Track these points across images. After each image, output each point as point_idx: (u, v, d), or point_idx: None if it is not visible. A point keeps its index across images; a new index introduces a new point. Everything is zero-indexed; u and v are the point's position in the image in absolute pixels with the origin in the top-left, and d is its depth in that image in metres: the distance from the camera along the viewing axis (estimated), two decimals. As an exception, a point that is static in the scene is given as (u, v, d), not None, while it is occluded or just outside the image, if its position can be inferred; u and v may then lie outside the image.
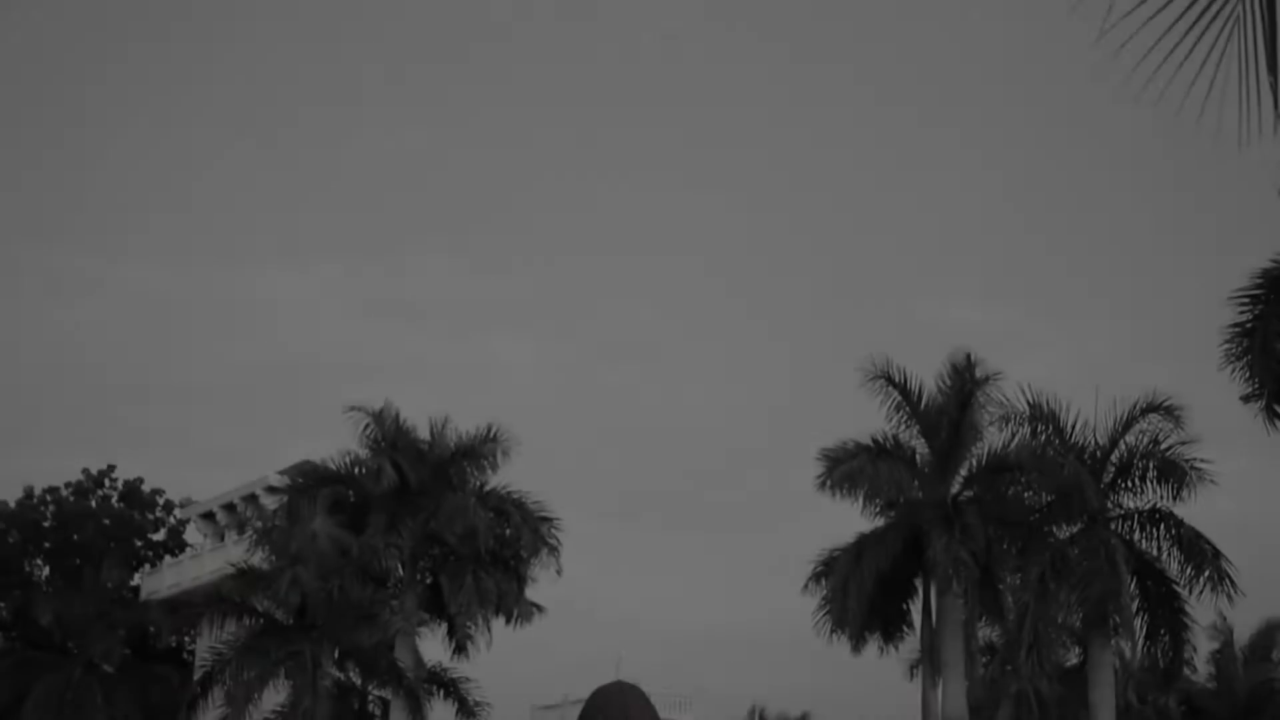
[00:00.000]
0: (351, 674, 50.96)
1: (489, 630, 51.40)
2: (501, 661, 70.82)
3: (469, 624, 50.86)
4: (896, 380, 46.08)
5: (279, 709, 48.84)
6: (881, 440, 46.12)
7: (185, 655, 72.74)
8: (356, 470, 51.60)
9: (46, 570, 76.53)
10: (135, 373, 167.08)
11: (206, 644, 54.42)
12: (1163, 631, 43.99)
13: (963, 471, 46.61)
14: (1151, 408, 43.29)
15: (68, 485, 76.47)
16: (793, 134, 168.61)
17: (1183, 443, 43.01)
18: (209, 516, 70.62)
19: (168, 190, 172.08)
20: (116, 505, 76.91)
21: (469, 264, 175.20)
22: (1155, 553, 44.02)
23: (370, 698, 54.03)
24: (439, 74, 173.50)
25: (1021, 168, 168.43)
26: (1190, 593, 43.32)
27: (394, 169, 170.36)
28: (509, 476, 52.51)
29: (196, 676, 51.62)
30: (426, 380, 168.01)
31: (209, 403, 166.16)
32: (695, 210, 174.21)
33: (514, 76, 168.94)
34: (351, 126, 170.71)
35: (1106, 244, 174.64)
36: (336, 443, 65.66)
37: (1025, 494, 45.55)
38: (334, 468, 52.15)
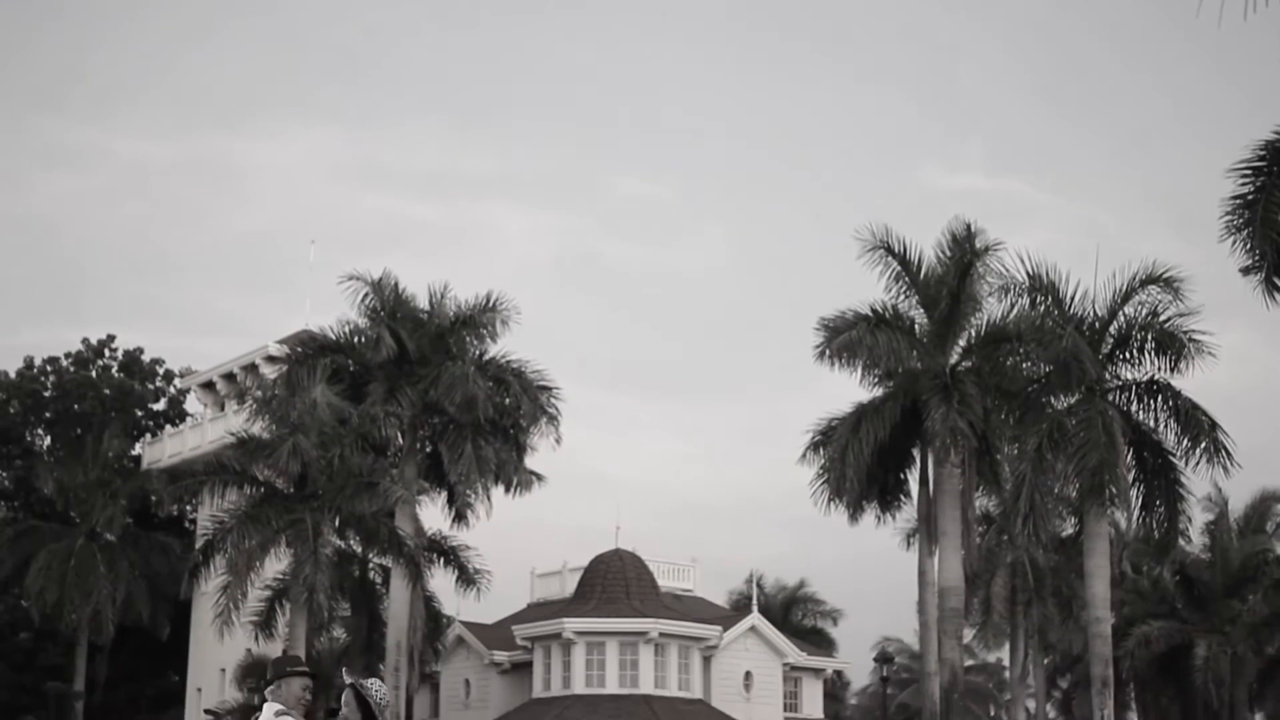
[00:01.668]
0: (352, 542, 51.32)
1: (488, 499, 51.73)
2: (501, 530, 71.19)
3: (468, 492, 51.13)
4: (896, 250, 45.94)
5: (280, 576, 49.24)
6: (880, 310, 46.07)
7: (187, 524, 73.21)
8: (355, 340, 51.62)
9: (48, 440, 76.81)
10: (133, 243, 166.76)
11: (208, 513, 54.78)
12: (1158, 502, 44.23)
13: (961, 342, 46.63)
14: (1151, 279, 43.22)
15: (68, 356, 76.55)
16: (798, 4, 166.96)
17: (1182, 314, 43.00)
18: (209, 386, 70.74)
19: (163, 61, 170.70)
20: (116, 375, 77.02)
21: (467, 133, 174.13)
22: (1152, 424, 44.16)
23: (371, 565, 54.48)
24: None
25: (1026, 36, 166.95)
26: (1186, 464, 43.54)
27: (392, 38, 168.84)
28: (508, 345, 52.55)
29: (198, 545, 51.95)
30: (425, 250, 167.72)
31: (208, 273, 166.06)
32: (697, 81, 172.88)
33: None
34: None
35: (1109, 115, 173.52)
36: (336, 312, 65.61)
37: (1023, 364, 45.59)
38: (333, 337, 52.16)
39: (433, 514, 53.98)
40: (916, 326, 46.54)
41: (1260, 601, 62.44)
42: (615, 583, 58.55)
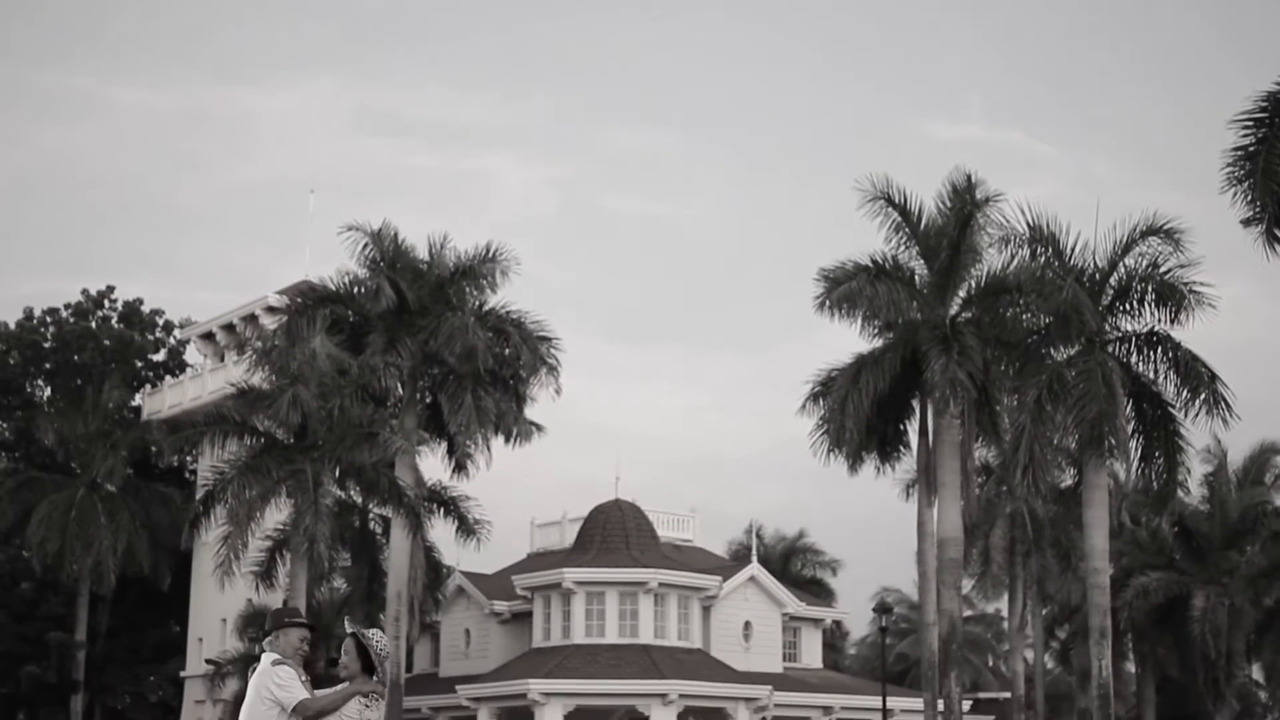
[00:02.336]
0: (352, 492, 51.43)
1: (488, 449, 51.81)
2: (501, 481, 71.31)
3: (468, 443, 51.20)
4: (896, 201, 45.85)
5: (281, 527, 49.35)
6: (880, 261, 46.01)
7: (187, 475, 73.32)
8: (355, 290, 51.58)
9: (48, 391, 76.83)
10: (133, 194, 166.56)
11: (208, 463, 54.86)
12: (1157, 454, 44.27)
13: (961, 293, 46.60)
14: (1151, 231, 43.15)
15: (67, 307, 76.50)
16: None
17: (1182, 266, 42.94)
18: (209, 337, 70.72)
19: (164, 11, 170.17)
20: (116, 326, 76.98)
21: (468, 83, 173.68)
22: (1152, 375, 44.16)
23: (371, 516, 54.64)
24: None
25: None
26: (1185, 416, 43.56)
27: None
28: (508, 296, 52.54)
29: (199, 495, 52.07)
30: (425, 200, 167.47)
31: (207, 223, 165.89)
32: (698, 32, 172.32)
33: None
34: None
35: (1112, 65, 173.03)
36: (335, 263, 65.53)
37: (1023, 316, 45.54)
38: (333, 288, 52.12)
39: (433, 464, 54.14)
40: (916, 277, 46.50)
41: (1258, 553, 62.56)
42: (615, 533, 58.71)
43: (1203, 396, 42.81)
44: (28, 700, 71.13)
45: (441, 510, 52.67)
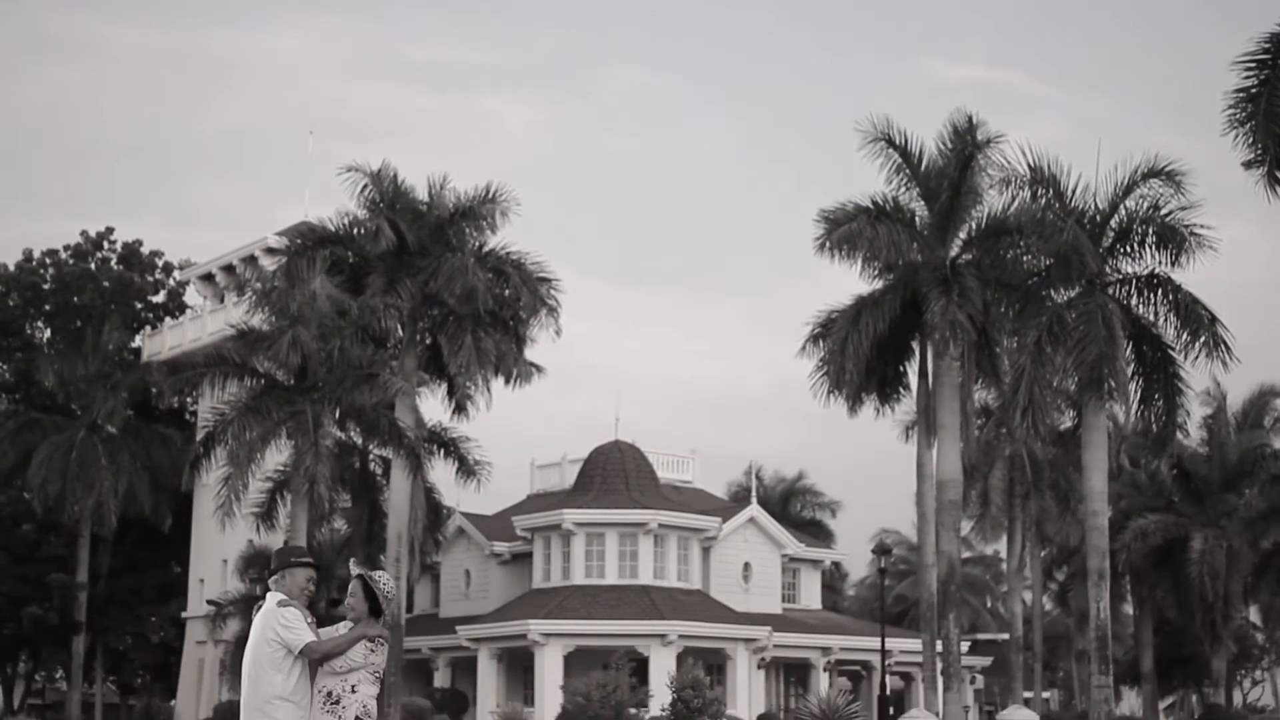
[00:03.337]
0: (352, 434, 51.47)
1: (488, 390, 51.81)
2: (501, 422, 71.45)
3: (468, 384, 51.21)
4: (896, 142, 45.72)
5: (281, 468, 49.42)
6: (881, 202, 45.93)
7: (187, 416, 73.36)
8: (355, 231, 51.45)
9: (47, 333, 76.67)
10: (131, 135, 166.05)
11: (208, 405, 54.89)
12: (1156, 396, 44.28)
13: (962, 234, 46.55)
14: (1152, 173, 43.04)
15: (66, 248, 76.27)
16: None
17: (1183, 208, 42.86)
18: (208, 278, 70.57)
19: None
20: (116, 268, 76.76)
21: (467, 23, 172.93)
22: (1152, 318, 44.13)
23: (371, 457, 54.71)
24: None
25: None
26: (1185, 358, 43.55)
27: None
28: (508, 237, 52.46)
29: (199, 437, 52.11)
30: (425, 141, 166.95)
31: (206, 164, 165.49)
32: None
33: None
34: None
35: (1113, 6, 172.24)
36: (334, 204, 65.31)
37: (1024, 257, 45.52)
38: (332, 229, 52.00)
39: (433, 406, 54.21)
40: (917, 219, 46.45)
41: (1257, 496, 62.69)
42: (615, 474, 58.85)
43: (1203, 339, 42.80)
44: (30, 641, 71.41)
45: (441, 451, 52.75)
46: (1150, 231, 43.37)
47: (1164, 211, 43.06)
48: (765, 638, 56.50)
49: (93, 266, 76.25)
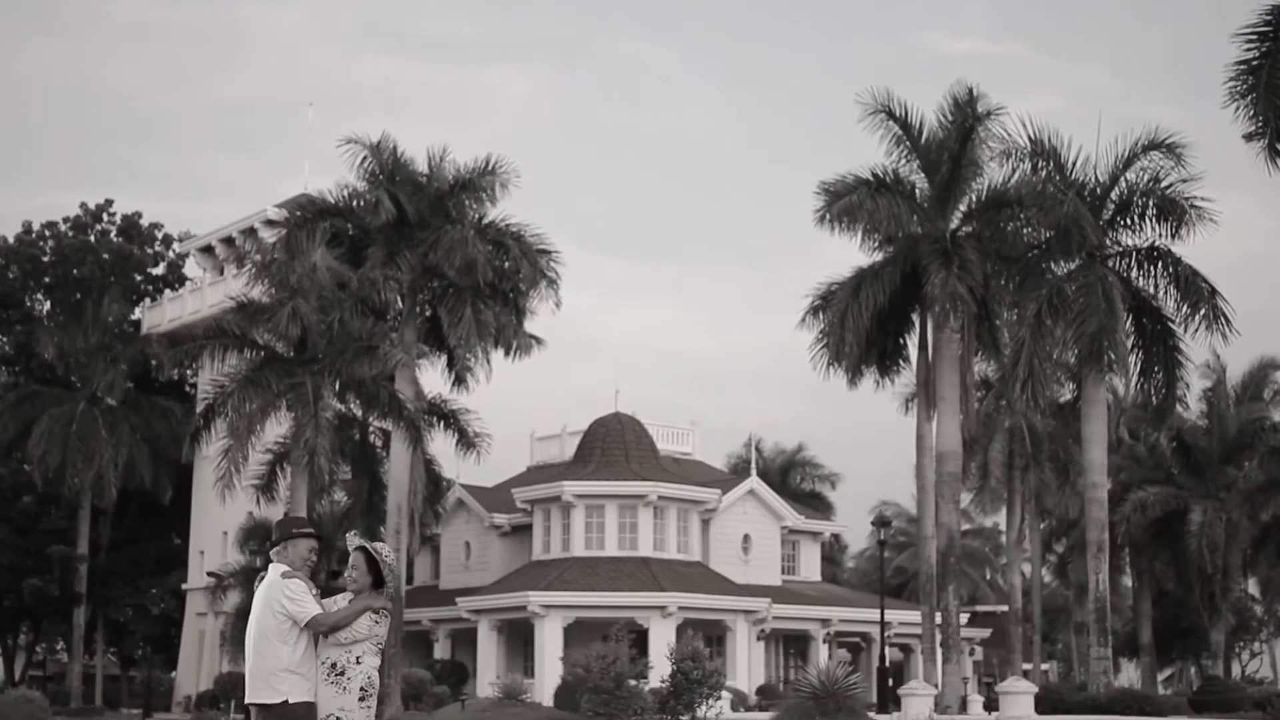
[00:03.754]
0: (352, 406, 51.46)
1: (488, 362, 51.78)
2: (501, 394, 71.60)
3: (468, 356, 51.18)
4: (897, 114, 45.69)
5: (281, 440, 49.44)
6: (881, 174, 45.92)
7: (187, 388, 73.37)
8: (354, 203, 51.39)
9: (47, 305, 76.61)
10: (131, 107, 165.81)
11: (208, 377, 54.89)
12: (1156, 369, 44.37)
13: (962, 207, 46.55)
14: (1153, 145, 43.09)
15: (66, 220, 76.13)
16: None
17: (1183, 181, 42.96)
18: (208, 250, 70.48)
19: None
20: (115, 240, 76.63)
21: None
22: (1152, 290, 44.23)
23: (371, 429, 54.70)
24: None
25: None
26: (1185, 331, 43.69)
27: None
28: (507, 209, 52.35)
29: (199, 409, 52.08)
30: (424, 113, 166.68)
31: (205, 137, 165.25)
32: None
33: None
34: None
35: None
36: (334, 176, 65.13)
37: (1024, 230, 45.56)
38: (332, 201, 51.93)
39: (432, 378, 54.22)
40: (917, 191, 46.43)
41: (1256, 468, 62.73)
42: (614, 446, 58.87)
43: (1202, 311, 42.87)
44: (30, 613, 71.55)
45: (441, 423, 52.75)
46: (1150, 204, 43.43)
47: (1164, 184, 43.13)
48: (765, 609, 56.59)
49: (92, 239, 76.15)
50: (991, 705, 39.17)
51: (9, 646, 76.89)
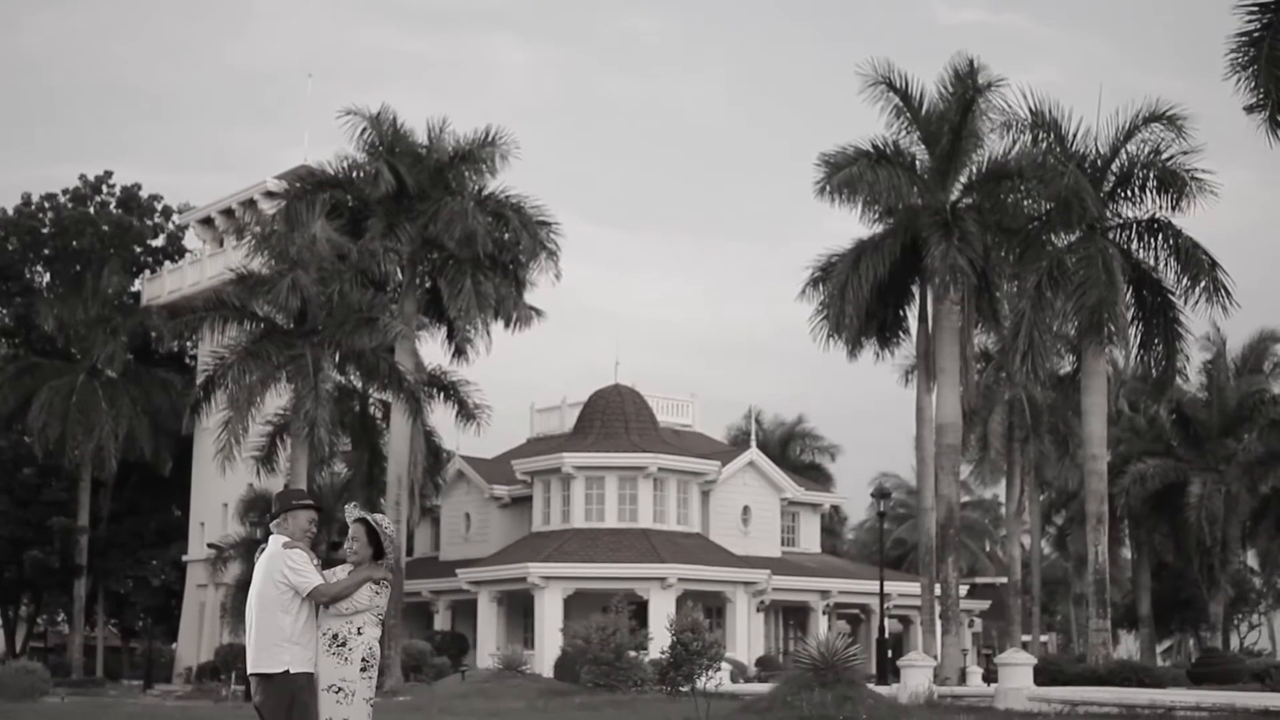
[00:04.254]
0: (352, 377, 51.49)
1: (488, 334, 51.85)
2: (501, 366, 71.50)
3: (468, 328, 51.21)
4: (897, 85, 45.60)
5: (281, 412, 49.47)
6: (881, 146, 45.85)
7: (187, 360, 73.36)
8: (354, 175, 51.34)
9: (47, 277, 76.57)
10: (130, 79, 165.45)
11: (208, 349, 54.89)
12: (1156, 341, 44.34)
13: (962, 178, 46.49)
14: (1154, 117, 43.00)
15: (65, 192, 76.04)
16: None
17: (1184, 153, 42.86)
18: (208, 222, 70.43)
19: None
20: (115, 212, 76.56)
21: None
22: (1152, 263, 44.18)
23: (371, 401, 54.72)
24: None
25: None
26: (1185, 303, 43.65)
27: None
28: (507, 181, 52.30)
29: (199, 381, 52.12)
30: (424, 85, 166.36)
31: (205, 108, 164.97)
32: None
33: None
34: None
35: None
36: (334, 148, 65.10)
37: (1024, 202, 45.49)
38: (332, 172, 51.88)
39: (432, 349, 54.24)
40: (917, 163, 46.37)
41: (1255, 440, 62.76)
42: (614, 418, 58.89)
43: (1203, 284, 42.84)
44: (31, 584, 71.70)
45: (441, 395, 52.77)
46: (1151, 176, 43.36)
47: (1165, 156, 43.06)
48: (764, 581, 56.68)
49: (91, 210, 76.08)
50: (990, 677, 39.18)
51: (10, 618, 77.04)
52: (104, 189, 77.25)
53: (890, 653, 51.72)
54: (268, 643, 10.32)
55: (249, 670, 10.51)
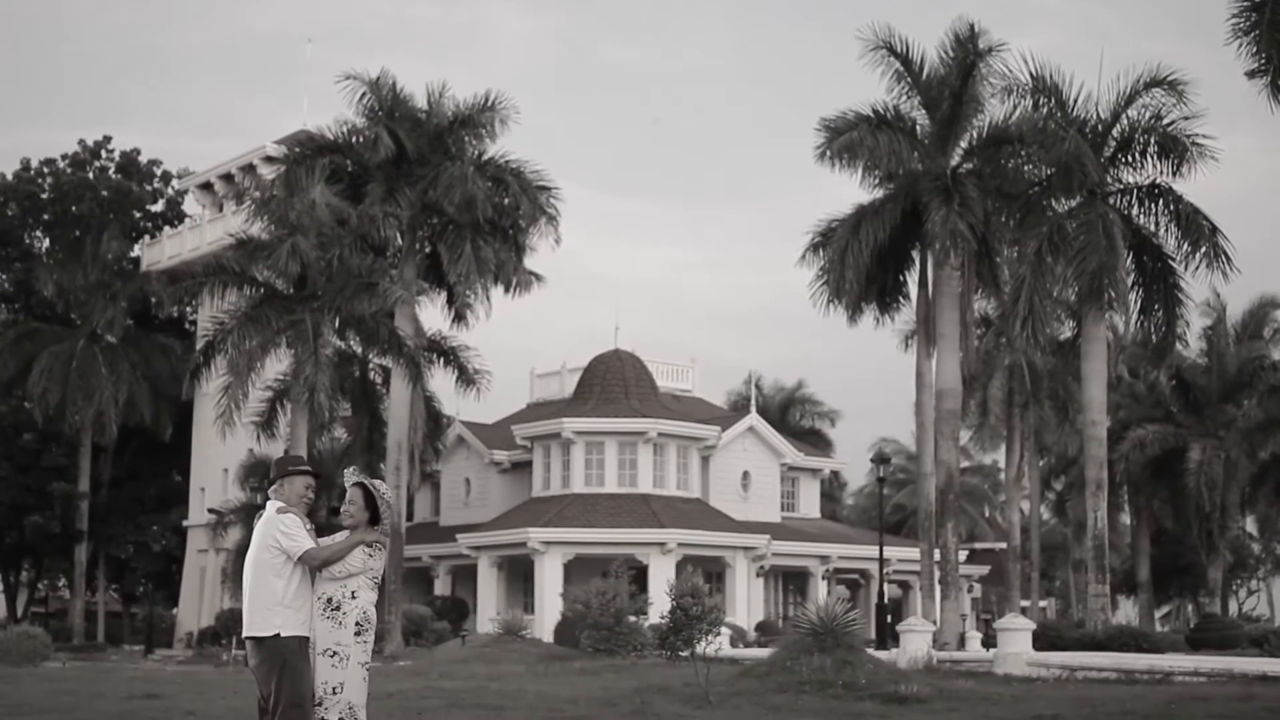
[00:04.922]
0: (352, 342, 51.51)
1: (488, 299, 51.86)
2: (501, 331, 71.54)
3: (468, 293, 51.20)
4: (898, 50, 45.50)
5: (281, 377, 49.48)
6: (882, 111, 45.77)
7: (187, 325, 73.34)
8: (354, 140, 51.27)
9: (46, 242, 76.45)
10: (128, 43, 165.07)
11: (208, 314, 54.88)
12: (1156, 306, 44.35)
13: (963, 144, 46.42)
14: (1155, 82, 42.93)
15: (64, 157, 75.87)
16: None
17: (1185, 118, 42.82)
18: (207, 187, 70.31)
19: None
20: (114, 177, 76.38)
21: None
22: (1152, 228, 44.17)
23: (371, 366, 54.73)
24: None
25: None
26: (1186, 269, 43.67)
27: None
28: (507, 146, 52.29)
29: (199, 346, 52.16)
30: (423, 50, 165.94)
31: (204, 73, 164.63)
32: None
33: None
34: None
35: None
36: (333, 112, 64.84)
37: (1025, 167, 45.46)
38: (331, 137, 51.82)
39: (432, 314, 54.24)
40: (918, 128, 46.30)
41: (1255, 407, 62.76)
42: (614, 383, 58.91)
43: (1203, 249, 42.83)
44: (32, 550, 71.80)
45: (441, 360, 52.78)
46: (1152, 141, 43.32)
47: (1166, 121, 43.01)
48: (764, 546, 56.77)
49: (91, 176, 75.92)
50: (990, 642, 39.30)
51: (11, 583, 77.17)
52: (103, 154, 77.09)
53: (890, 618, 51.83)
54: (260, 606, 10.39)
55: (243, 634, 10.58)
